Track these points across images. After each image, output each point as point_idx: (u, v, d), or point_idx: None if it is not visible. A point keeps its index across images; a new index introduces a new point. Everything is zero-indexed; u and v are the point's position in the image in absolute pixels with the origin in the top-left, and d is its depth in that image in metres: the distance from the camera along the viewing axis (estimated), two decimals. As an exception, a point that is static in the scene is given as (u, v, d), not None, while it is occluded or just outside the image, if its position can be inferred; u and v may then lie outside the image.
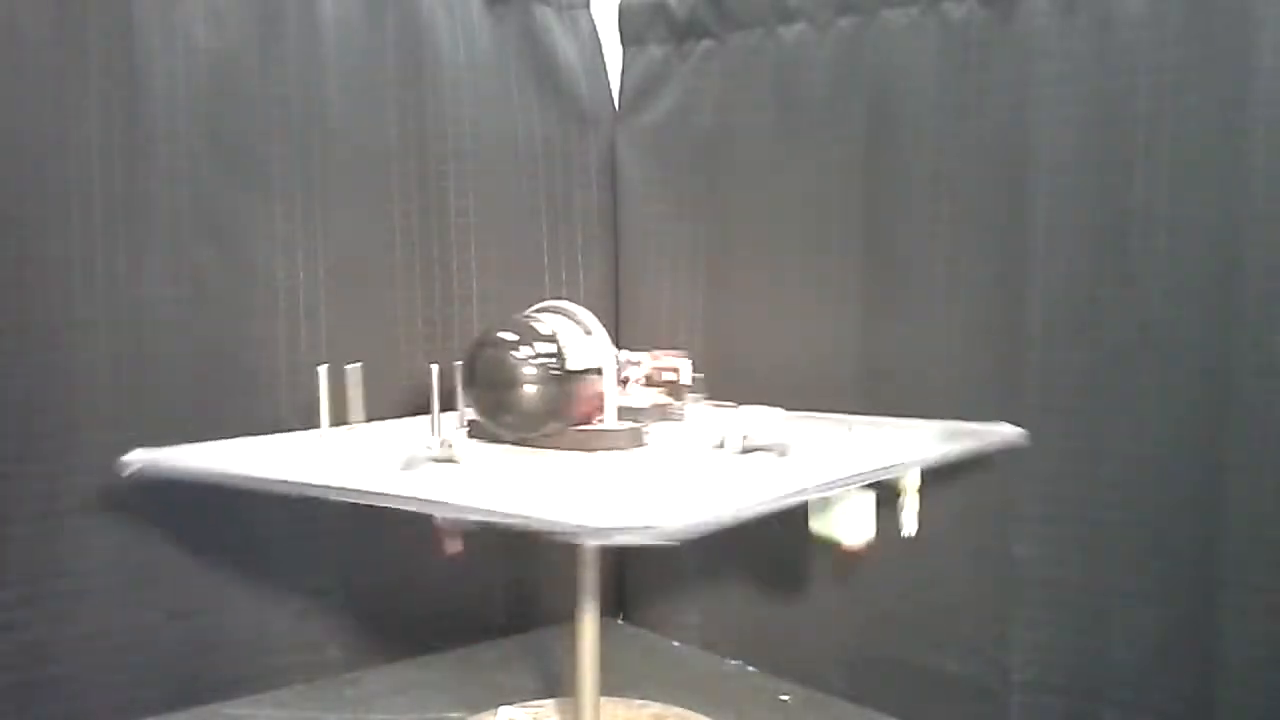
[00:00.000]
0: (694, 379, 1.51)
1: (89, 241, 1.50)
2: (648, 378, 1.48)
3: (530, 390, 1.29)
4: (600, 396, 1.33)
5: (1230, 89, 1.31)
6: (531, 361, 1.29)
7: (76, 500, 1.50)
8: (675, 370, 1.49)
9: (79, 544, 1.51)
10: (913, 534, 1.37)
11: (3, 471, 1.46)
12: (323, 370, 1.40)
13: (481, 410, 1.34)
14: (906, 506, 1.38)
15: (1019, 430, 1.39)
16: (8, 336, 1.45)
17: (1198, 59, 1.34)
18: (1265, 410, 1.30)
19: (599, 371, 1.33)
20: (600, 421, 1.34)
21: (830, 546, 1.33)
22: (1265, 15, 1.28)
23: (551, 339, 1.32)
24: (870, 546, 1.33)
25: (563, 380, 1.30)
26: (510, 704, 1.59)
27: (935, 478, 1.49)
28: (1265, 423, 1.30)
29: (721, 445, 1.29)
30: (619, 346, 1.51)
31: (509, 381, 1.30)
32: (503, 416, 1.32)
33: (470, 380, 1.35)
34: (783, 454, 1.25)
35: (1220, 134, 1.32)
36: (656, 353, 1.52)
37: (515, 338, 1.32)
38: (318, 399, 1.41)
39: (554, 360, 1.30)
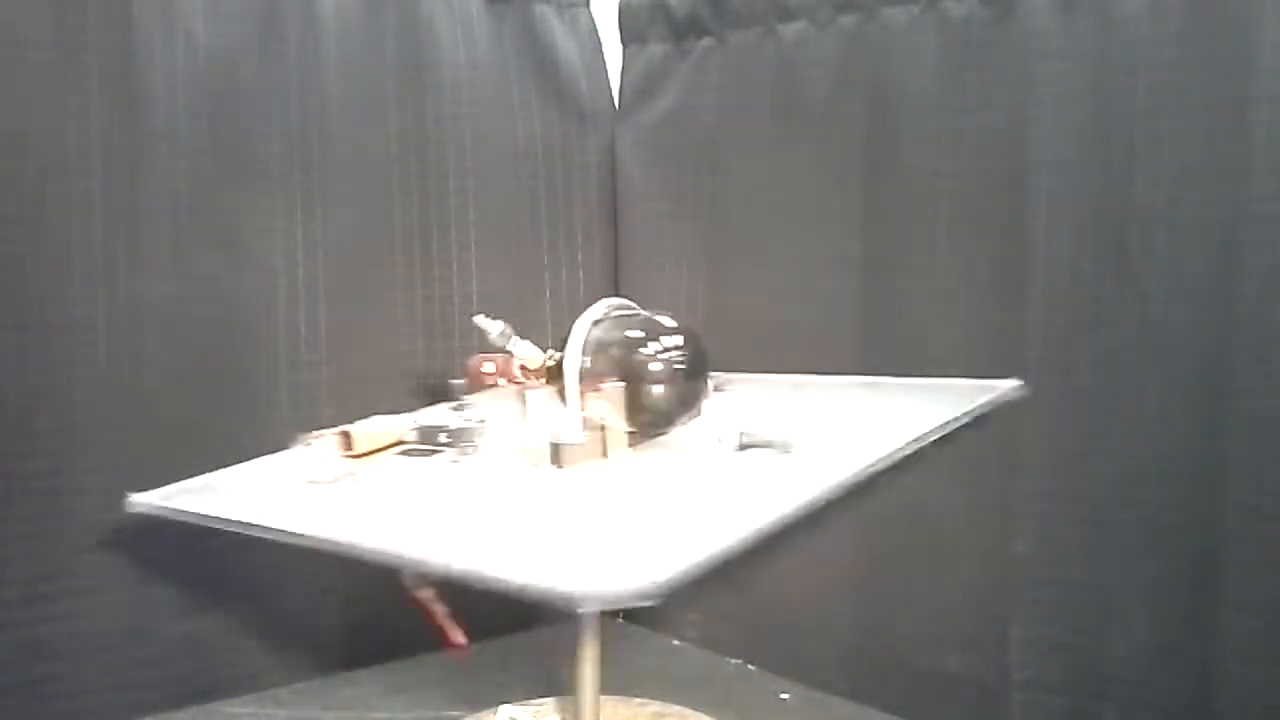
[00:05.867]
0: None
1: (89, 241, 1.50)
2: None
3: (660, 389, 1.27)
4: None
5: (1230, 89, 1.31)
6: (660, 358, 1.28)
7: (77, 499, 1.51)
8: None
9: (79, 543, 1.52)
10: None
11: (2, 471, 1.46)
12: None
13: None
14: None
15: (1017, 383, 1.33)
16: (8, 336, 1.45)
17: (1198, 58, 1.33)
18: (1266, 409, 1.30)
19: None
20: None
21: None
22: (1265, 15, 1.28)
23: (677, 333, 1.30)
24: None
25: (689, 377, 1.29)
26: (510, 702, 1.59)
27: (936, 476, 1.49)
28: (1266, 422, 1.30)
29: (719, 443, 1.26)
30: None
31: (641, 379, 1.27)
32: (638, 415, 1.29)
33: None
34: (786, 451, 1.20)
35: (1220, 134, 1.32)
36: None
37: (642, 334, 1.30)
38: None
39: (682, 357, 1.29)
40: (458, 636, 1.24)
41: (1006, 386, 1.33)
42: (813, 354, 1.70)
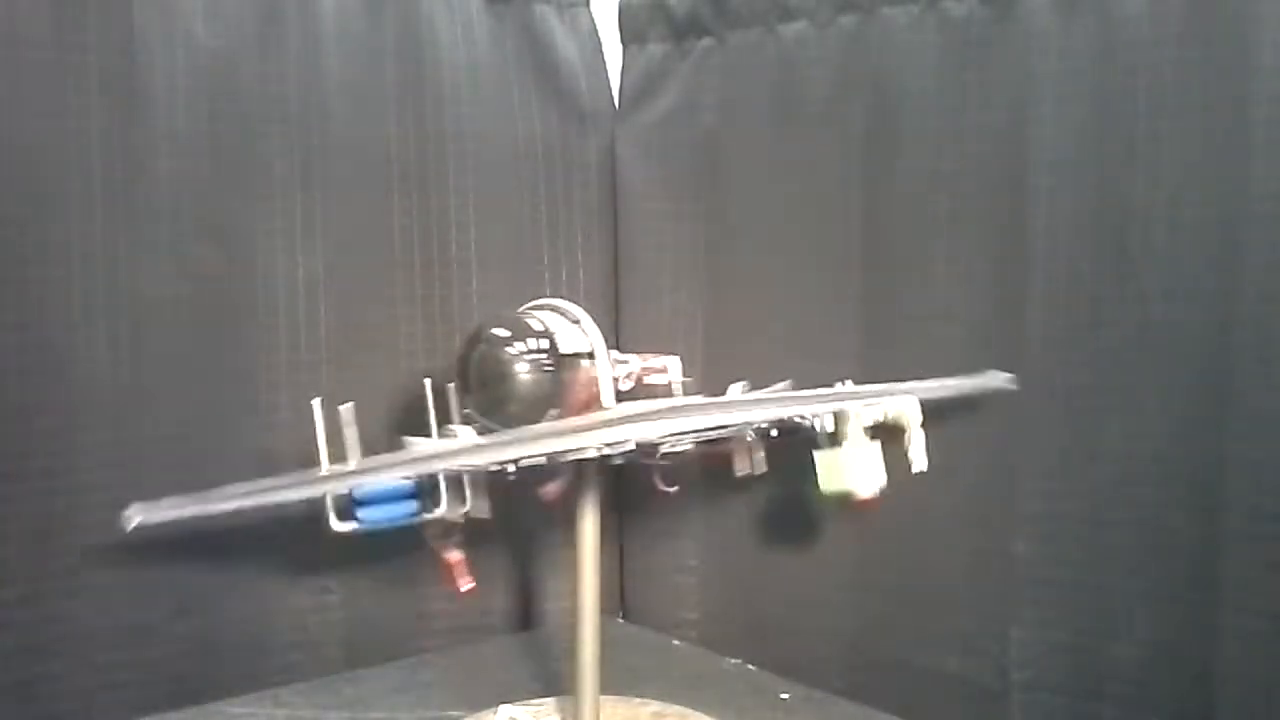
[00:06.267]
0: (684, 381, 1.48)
1: (89, 241, 1.50)
2: (635, 378, 1.45)
3: (526, 380, 1.29)
4: (596, 383, 1.33)
5: (1230, 89, 1.31)
6: (525, 354, 1.29)
7: (76, 499, 1.51)
8: (664, 370, 1.47)
9: (79, 543, 1.52)
10: (924, 469, 1.38)
11: (2, 470, 1.46)
12: (317, 404, 1.29)
13: (480, 410, 1.33)
14: (913, 442, 1.37)
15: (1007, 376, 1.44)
16: (8, 336, 1.45)
17: (1198, 58, 1.34)
18: (1266, 409, 1.30)
19: (590, 357, 1.34)
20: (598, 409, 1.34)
21: (844, 502, 1.36)
22: (1265, 15, 1.28)
23: (544, 332, 1.32)
24: (883, 493, 1.36)
25: (557, 369, 1.31)
26: (510, 702, 1.59)
27: (935, 475, 1.49)
28: (1266, 422, 1.30)
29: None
30: (619, 346, 1.51)
31: (502, 376, 1.30)
32: (500, 411, 1.31)
33: (464, 382, 1.35)
34: None
35: (1220, 134, 1.32)
36: (646, 354, 1.49)
37: (508, 333, 1.32)
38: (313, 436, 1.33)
39: (546, 350, 1.30)
40: (466, 582, 1.32)
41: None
42: (812, 352, 1.71)
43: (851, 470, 1.33)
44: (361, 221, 1.73)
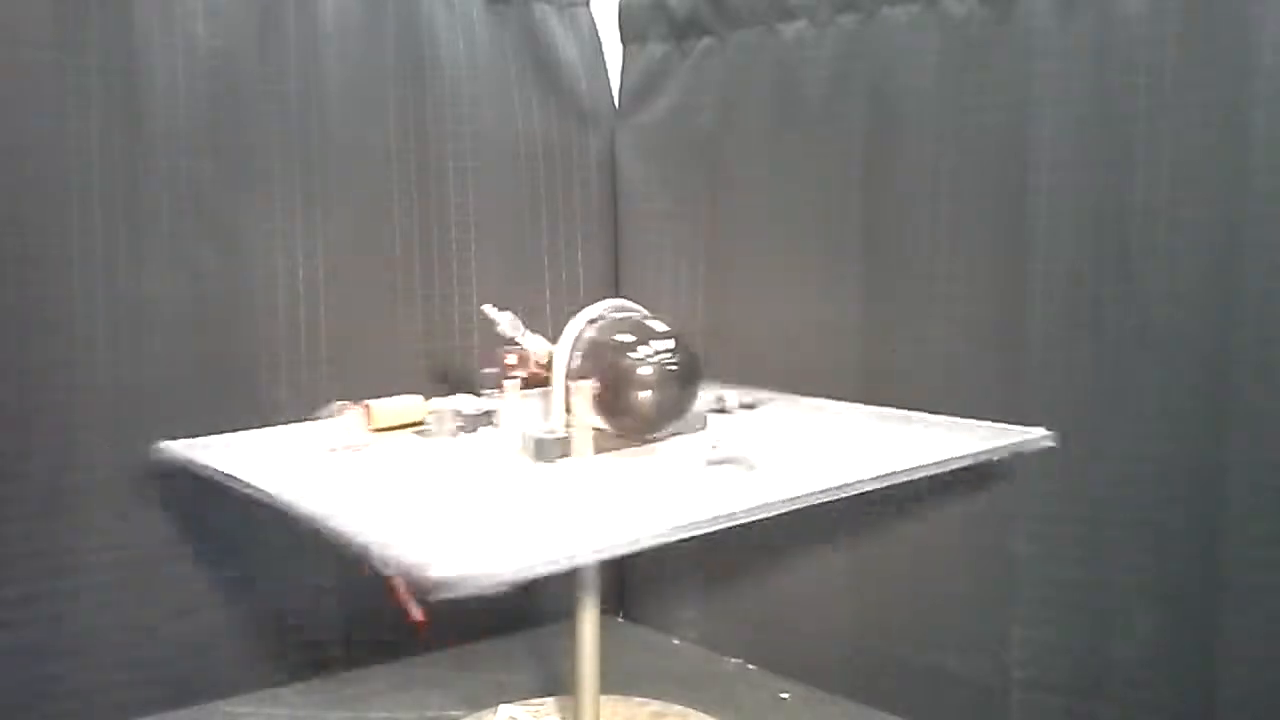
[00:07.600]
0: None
1: (89, 241, 1.50)
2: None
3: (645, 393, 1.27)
4: None
5: (1230, 89, 1.31)
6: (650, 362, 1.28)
7: (76, 499, 1.51)
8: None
9: (78, 543, 1.52)
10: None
11: (2, 471, 1.46)
12: None
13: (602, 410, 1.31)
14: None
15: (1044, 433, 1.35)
16: (8, 336, 1.45)
17: (1198, 58, 1.34)
18: (1265, 410, 1.30)
19: None
20: None
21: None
22: (1265, 15, 1.28)
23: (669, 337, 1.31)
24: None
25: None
26: (511, 702, 1.60)
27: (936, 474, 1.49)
28: (1265, 422, 1.30)
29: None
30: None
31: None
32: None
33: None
34: (750, 468, 1.19)
35: (1220, 133, 1.32)
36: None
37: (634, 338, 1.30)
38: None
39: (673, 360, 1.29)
40: (415, 613, 1.24)
41: (1033, 435, 1.35)
42: (813, 352, 1.71)
43: None
44: (361, 221, 1.73)
